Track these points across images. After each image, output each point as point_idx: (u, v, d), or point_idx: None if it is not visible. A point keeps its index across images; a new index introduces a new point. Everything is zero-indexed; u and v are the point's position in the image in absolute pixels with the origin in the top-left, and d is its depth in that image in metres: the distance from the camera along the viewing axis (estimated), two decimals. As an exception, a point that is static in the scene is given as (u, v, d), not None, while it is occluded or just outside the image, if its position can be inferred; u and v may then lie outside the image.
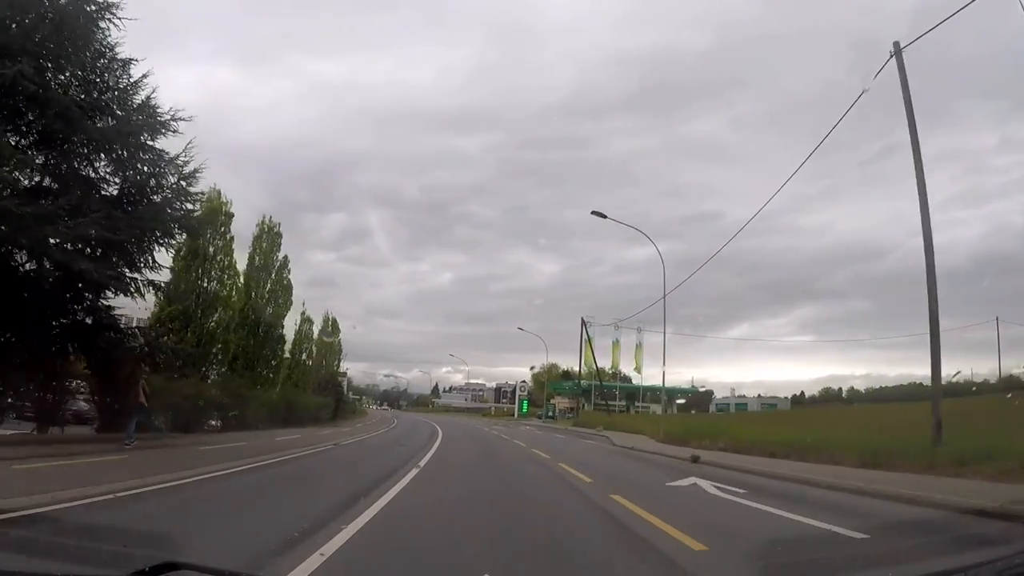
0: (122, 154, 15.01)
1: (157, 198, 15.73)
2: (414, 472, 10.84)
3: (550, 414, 71.56)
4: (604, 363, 64.00)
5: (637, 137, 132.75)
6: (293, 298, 34.17)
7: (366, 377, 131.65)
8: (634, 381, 73.27)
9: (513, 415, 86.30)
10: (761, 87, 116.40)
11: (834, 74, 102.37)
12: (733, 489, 9.46)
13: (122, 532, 4.73)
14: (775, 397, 73.31)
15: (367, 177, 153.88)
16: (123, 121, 14.91)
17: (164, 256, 17.71)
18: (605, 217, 31.92)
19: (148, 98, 15.32)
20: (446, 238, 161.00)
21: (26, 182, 13.60)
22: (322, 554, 4.31)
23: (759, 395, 75.20)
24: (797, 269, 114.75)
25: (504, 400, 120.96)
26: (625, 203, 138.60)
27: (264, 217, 33.94)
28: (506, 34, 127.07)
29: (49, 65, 13.60)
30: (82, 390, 17.81)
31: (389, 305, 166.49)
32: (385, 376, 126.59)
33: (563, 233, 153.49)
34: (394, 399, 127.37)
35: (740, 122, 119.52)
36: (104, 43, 14.57)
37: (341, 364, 52.48)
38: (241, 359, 28.94)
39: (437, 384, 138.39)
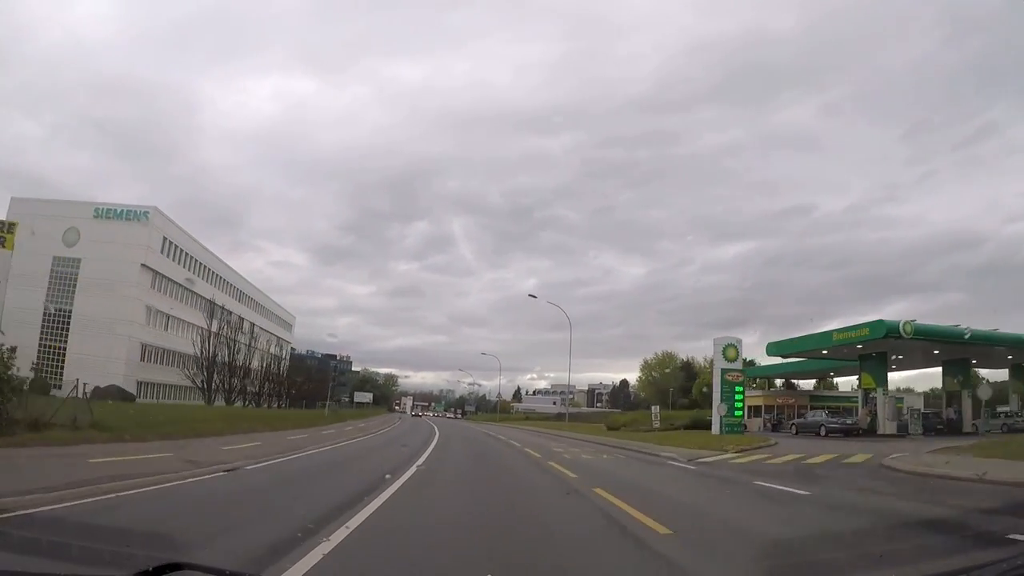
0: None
1: None
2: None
3: None
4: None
5: (725, 130, 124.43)
6: None
7: (450, 384, 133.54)
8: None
9: (669, 427, 34.56)
10: (852, 68, 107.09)
11: (928, 48, 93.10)
12: None
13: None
14: None
15: (449, 184, 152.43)
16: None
17: None
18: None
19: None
20: (531, 243, 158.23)
21: None
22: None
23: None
24: (889, 263, 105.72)
25: (598, 404, 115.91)
26: (714, 200, 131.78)
27: None
28: (585, 25, 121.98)
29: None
30: None
31: (474, 313, 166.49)
32: (469, 384, 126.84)
33: (651, 234, 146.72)
34: (461, 406, 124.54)
35: (832, 108, 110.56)
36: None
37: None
38: None
39: (519, 388, 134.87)
